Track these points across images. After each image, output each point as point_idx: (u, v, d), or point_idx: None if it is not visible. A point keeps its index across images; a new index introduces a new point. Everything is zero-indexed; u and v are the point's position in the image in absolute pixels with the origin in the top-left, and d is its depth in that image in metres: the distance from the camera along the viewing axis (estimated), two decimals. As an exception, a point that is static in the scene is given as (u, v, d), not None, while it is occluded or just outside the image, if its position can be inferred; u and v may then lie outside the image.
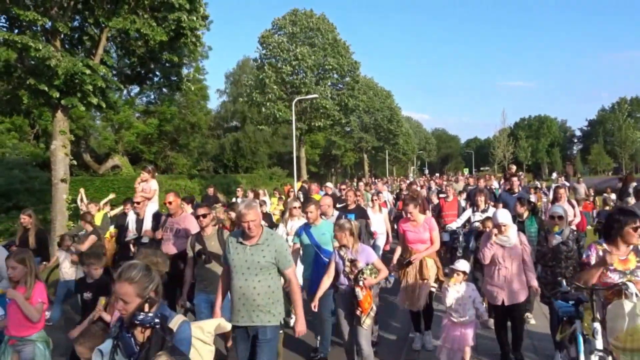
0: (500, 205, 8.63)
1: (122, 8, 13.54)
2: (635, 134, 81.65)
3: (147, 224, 7.10)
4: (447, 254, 9.98)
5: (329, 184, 15.88)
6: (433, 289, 6.04)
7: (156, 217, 7.17)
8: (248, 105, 36.66)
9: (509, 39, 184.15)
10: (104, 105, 14.21)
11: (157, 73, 16.17)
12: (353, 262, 4.90)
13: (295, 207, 7.50)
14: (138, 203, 7.32)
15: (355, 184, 26.78)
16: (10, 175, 20.44)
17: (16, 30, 12.87)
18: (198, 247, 5.62)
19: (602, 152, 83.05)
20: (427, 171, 79.11)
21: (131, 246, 7.44)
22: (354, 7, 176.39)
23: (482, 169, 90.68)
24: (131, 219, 7.60)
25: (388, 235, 9.95)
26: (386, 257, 10.51)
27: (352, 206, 8.48)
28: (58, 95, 12.75)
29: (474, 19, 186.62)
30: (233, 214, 9.93)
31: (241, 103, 41.36)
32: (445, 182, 22.64)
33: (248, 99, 34.14)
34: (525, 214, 7.20)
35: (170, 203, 6.39)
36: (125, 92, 27.79)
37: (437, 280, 6.05)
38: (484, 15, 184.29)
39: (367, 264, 4.91)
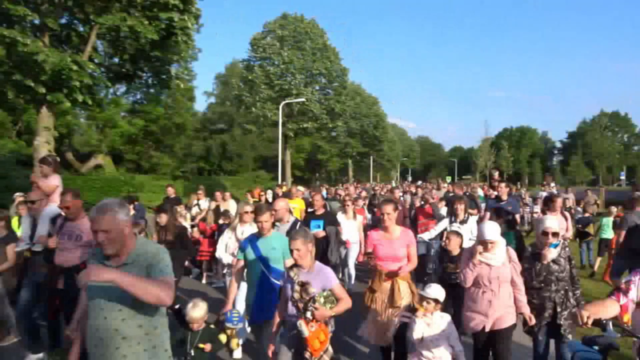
0: (487, 215, 7.99)
1: (113, 6, 13.48)
2: (613, 147, 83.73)
3: (42, 229, 5.65)
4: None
5: (300, 188, 14.84)
6: (406, 319, 4.72)
7: (55, 220, 5.78)
8: (236, 106, 36.70)
9: (496, 49, 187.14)
10: (90, 102, 14.11)
11: (147, 71, 16.11)
12: (304, 286, 3.78)
13: (246, 212, 6.47)
14: (33, 203, 5.78)
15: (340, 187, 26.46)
16: (-9, 172, 20.08)
17: (4, 25, 12.71)
18: None
19: (581, 164, 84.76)
20: (410, 178, 79.79)
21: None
22: (344, 13, 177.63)
23: (464, 177, 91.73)
24: (25, 223, 6.11)
25: (361, 244, 8.75)
26: (359, 270, 9.30)
27: (320, 211, 7.69)
28: (44, 91, 12.62)
29: (463, 27, 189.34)
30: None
31: (229, 106, 41.32)
32: (421, 190, 20.59)
33: (236, 100, 34.21)
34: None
35: (67, 208, 5.12)
36: (111, 90, 27.56)
37: (410, 308, 4.77)
38: (473, 24, 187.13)
39: (324, 290, 3.80)
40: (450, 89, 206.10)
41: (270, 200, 11.31)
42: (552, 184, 19.08)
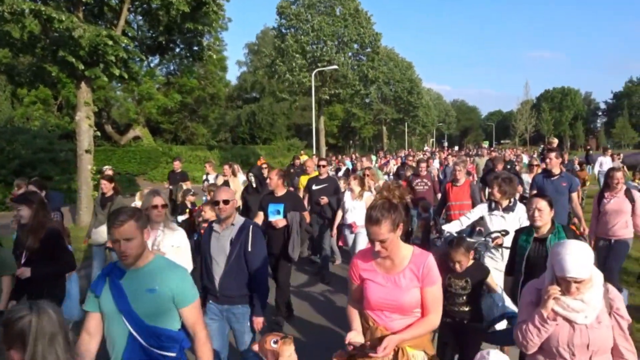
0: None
1: (144, -23, 13.48)
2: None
3: None
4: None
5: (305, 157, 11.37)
6: None
7: None
8: (268, 76, 36.61)
9: (536, 8, 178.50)
10: (126, 76, 14.31)
11: (179, 43, 16.16)
12: None
13: (156, 207, 3.94)
14: None
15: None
16: (35, 145, 20.80)
17: (39, 1, 12.90)
18: None
19: (627, 126, 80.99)
20: (446, 144, 78.40)
21: None
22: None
23: (502, 142, 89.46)
24: None
25: None
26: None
27: (281, 192, 5.97)
28: (83, 67, 12.86)
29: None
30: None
31: (260, 74, 41.25)
32: (453, 158, 16.27)
33: (269, 69, 34.10)
34: (548, 225, 3.88)
35: None
36: (145, 63, 27.89)
37: None
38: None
39: None
40: (489, 50, 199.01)
41: (239, 177, 9.53)
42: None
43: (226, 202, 3.75)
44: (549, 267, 2.47)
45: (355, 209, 7.28)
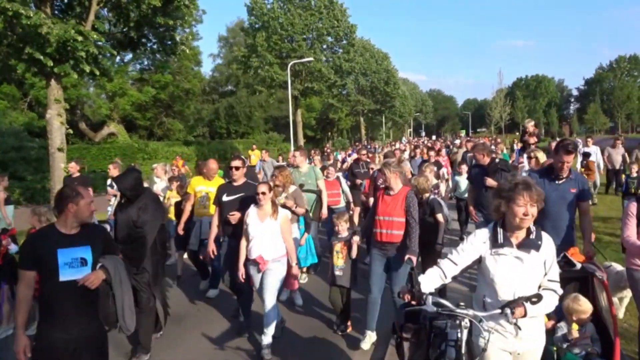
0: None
1: (112, -29, 13.21)
2: (633, 92, 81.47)
3: None
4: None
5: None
6: None
7: None
8: (242, 71, 36.34)
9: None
10: (97, 73, 14.03)
11: (151, 38, 15.91)
12: None
13: None
14: None
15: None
16: (5, 143, 20.29)
17: (4, -3, 12.54)
18: None
19: (599, 111, 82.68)
20: (423, 133, 79.02)
21: None
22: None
23: (478, 130, 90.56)
24: None
25: (290, 259, 4.96)
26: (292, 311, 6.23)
27: (77, 229, 3.24)
28: (52, 64, 12.58)
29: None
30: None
31: (234, 67, 40.96)
32: (396, 151, 13.61)
33: (242, 65, 33.90)
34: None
35: None
36: (118, 59, 27.32)
37: None
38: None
39: None
40: (464, 39, 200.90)
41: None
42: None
43: None
44: None
45: (264, 234, 4.78)
